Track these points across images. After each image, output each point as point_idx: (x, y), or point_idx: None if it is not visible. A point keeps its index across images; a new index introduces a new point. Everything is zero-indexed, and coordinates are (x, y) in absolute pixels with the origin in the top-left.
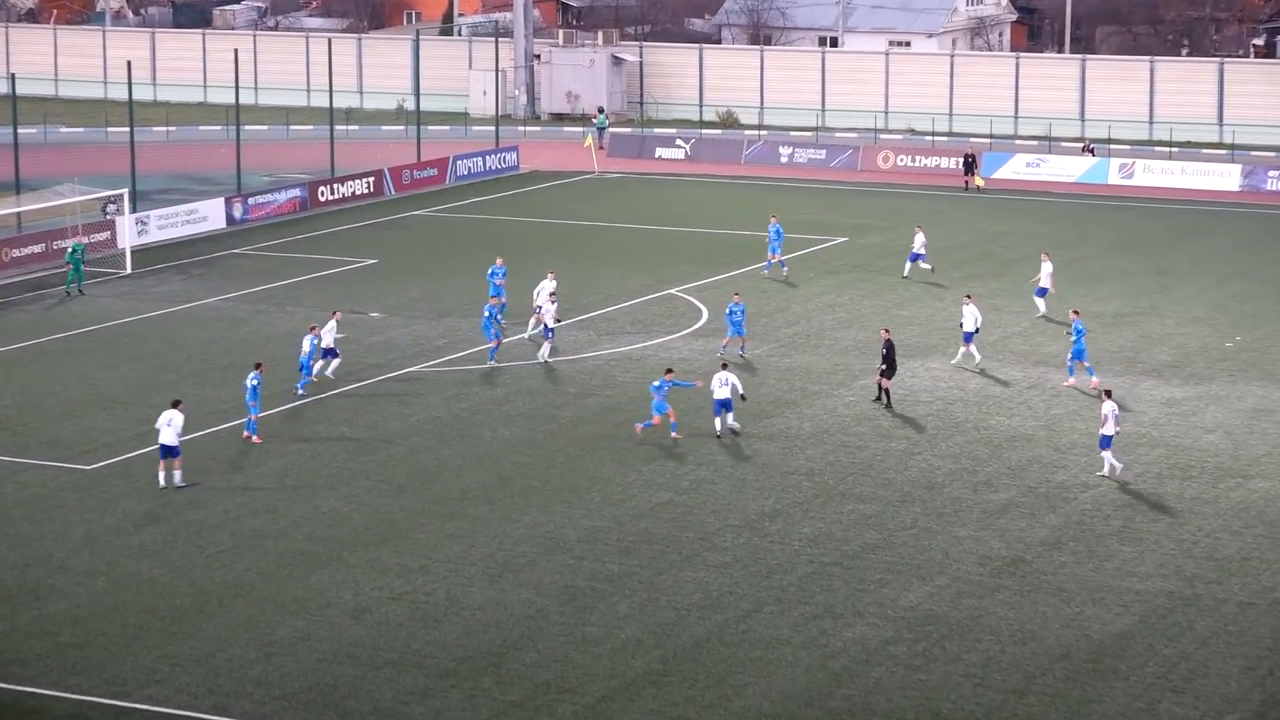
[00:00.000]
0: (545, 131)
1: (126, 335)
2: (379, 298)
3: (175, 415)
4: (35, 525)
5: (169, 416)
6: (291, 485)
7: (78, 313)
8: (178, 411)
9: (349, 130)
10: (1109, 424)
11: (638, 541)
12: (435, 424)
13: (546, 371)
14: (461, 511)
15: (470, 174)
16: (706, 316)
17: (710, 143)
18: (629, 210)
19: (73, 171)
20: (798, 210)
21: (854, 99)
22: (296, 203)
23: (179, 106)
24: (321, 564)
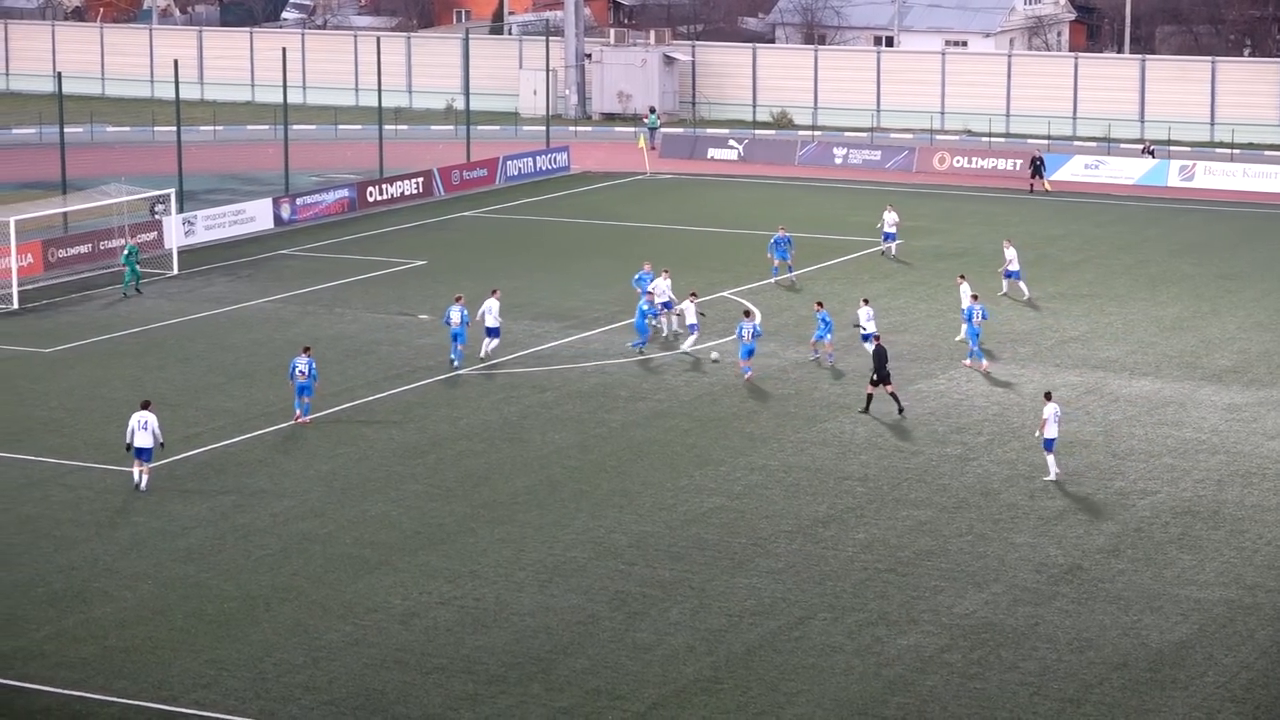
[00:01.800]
0: (596, 132)
1: (173, 336)
2: (428, 300)
3: (149, 416)
4: (82, 528)
5: (142, 418)
6: (339, 489)
7: (124, 314)
8: (149, 412)
9: (398, 130)
10: (1049, 426)
11: (689, 547)
12: (485, 427)
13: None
14: (511, 516)
15: (520, 175)
16: (759, 319)
17: (763, 143)
18: (681, 212)
19: (119, 171)
20: (852, 212)
21: (910, 99)
22: (345, 203)
23: (226, 106)
24: (370, 568)
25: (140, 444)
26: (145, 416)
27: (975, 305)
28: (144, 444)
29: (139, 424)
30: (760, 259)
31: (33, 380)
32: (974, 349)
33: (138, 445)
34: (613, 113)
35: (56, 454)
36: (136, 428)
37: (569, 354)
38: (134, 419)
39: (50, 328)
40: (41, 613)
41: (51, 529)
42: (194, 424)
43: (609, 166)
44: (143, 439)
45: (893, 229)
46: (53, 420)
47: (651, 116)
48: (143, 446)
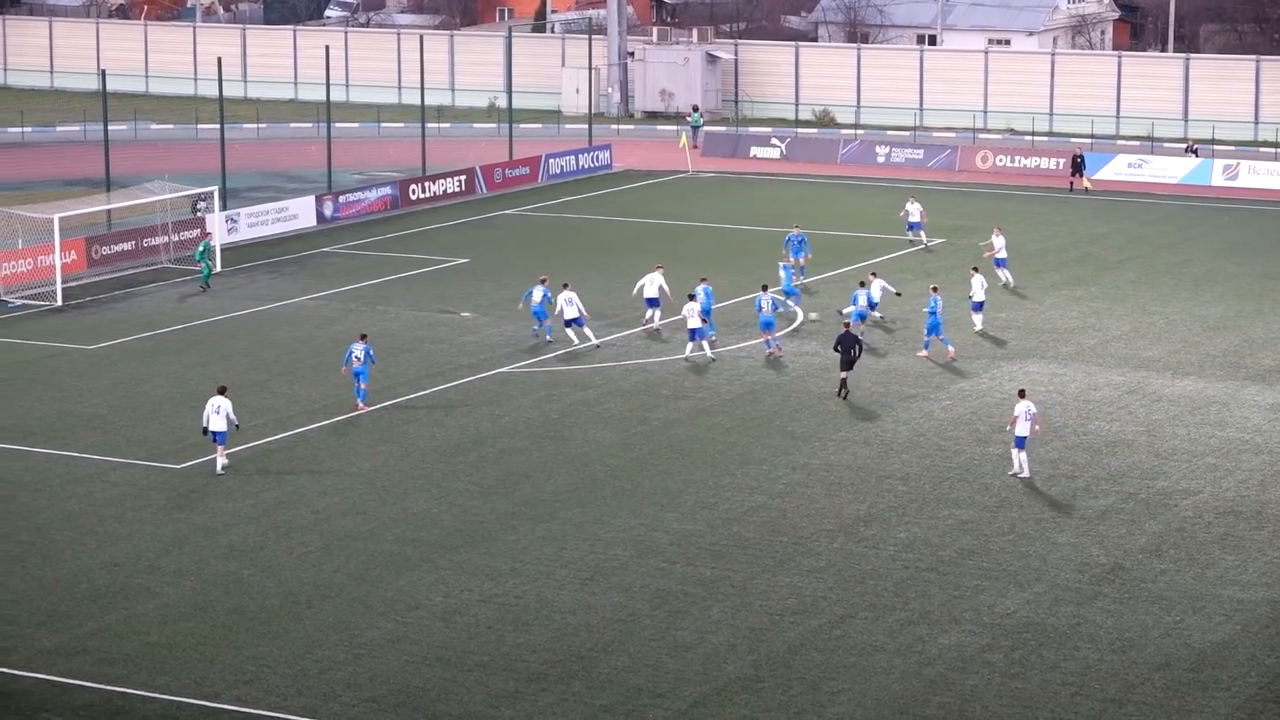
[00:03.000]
0: (639, 130)
1: (216, 333)
2: (470, 297)
3: (223, 401)
4: (124, 524)
5: (217, 403)
6: (381, 486)
7: (167, 311)
8: (224, 397)
9: (440, 128)
10: (1020, 423)
11: (730, 545)
12: (526, 425)
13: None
14: (552, 514)
15: (563, 173)
16: (802, 318)
17: (806, 142)
18: (723, 210)
19: (163, 169)
20: (894, 211)
21: (952, 98)
22: (387, 201)
23: (269, 103)
24: (411, 566)
25: (215, 428)
26: (220, 401)
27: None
28: (219, 428)
29: (214, 409)
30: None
31: (76, 377)
32: (929, 338)
33: (213, 429)
34: (655, 111)
35: (99, 450)
36: (211, 412)
37: (611, 352)
38: (209, 404)
39: (93, 325)
40: (84, 609)
41: (94, 525)
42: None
43: (651, 165)
44: (218, 423)
45: (918, 219)
46: (95, 417)
47: (694, 115)
48: (218, 430)
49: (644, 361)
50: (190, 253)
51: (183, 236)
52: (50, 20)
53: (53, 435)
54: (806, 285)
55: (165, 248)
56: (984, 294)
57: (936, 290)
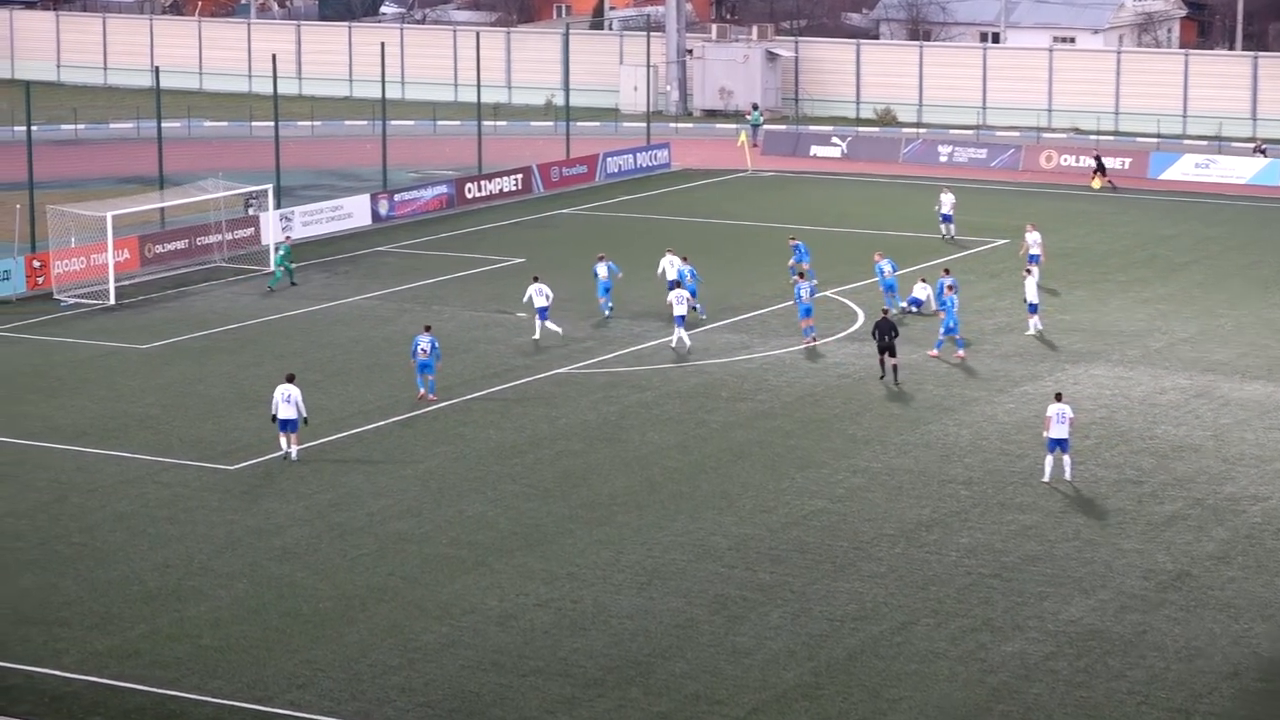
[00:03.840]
0: (697, 128)
1: (269, 333)
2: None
3: (293, 389)
4: (177, 526)
5: (286, 391)
6: (436, 488)
7: (220, 310)
8: (293, 385)
9: (497, 126)
10: (1055, 425)
11: (790, 550)
12: (583, 427)
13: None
14: (610, 517)
15: (620, 172)
16: (862, 319)
17: (867, 141)
18: (783, 210)
19: (216, 166)
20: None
21: (1016, 97)
22: (443, 200)
23: (324, 101)
24: (466, 569)
25: (284, 416)
26: (289, 389)
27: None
28: (288, 415)
29: (283, 397)
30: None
31: (128, 376)
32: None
33: (282, 417)
34: (714, 109)
35: (152, 451)
36: (281, 400)
37: (669, 353)
38: (278, 392)
39: (146, 324)
40: (136, 611)
41: (146, 526)
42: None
43: (710, 164)
44: (287, 411)
45: (950, 211)
46: (148, 417)
47: (754, 113)
48: (287, 418)
49: (703, 363)
50: (244, 251)
51: (236, 235)
52: (104, 17)
53: (105, 435)
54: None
55: (219, 246)
56: (1037, 296)
57: (954, 289)
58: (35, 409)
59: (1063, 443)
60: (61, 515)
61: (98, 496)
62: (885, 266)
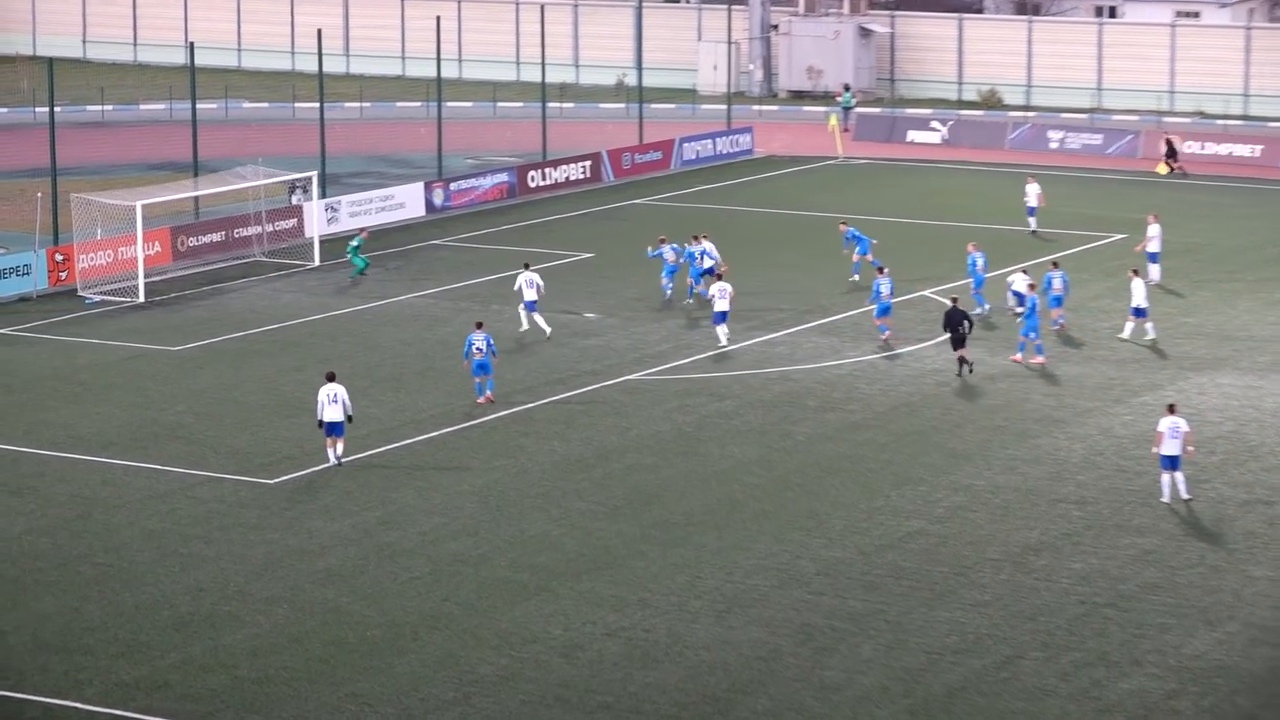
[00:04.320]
0: (783, 111)
1: (313, 335)
2: (594, 296)
3: (338, 389)
4: (211, 545)
5: (331, 391)
6: (495, 505)
7: (260, 309)
8: (338, 384)
9: (563, 108)
10: (1166, 441)
11: (884, 575)
12: (656, 439)
13: (781, 379)
14: (685, 538)
15: (698, 158)
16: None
17: (970, 125)
18: (876, 201)
19: (256, 152)
20: (1069, 203)
21: (1135, 77)
22: (503, 189)
23: (374, 80)
24: (528, 594)
25: (331, 418)
26: (335, 389)
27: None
28: (335, 418)
29: (329, 397)
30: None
31: (159, 381)
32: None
33: (329, 420)
34: (801, 90)
35: (184, 463)
36: (326, 401)
37: (751, 358)
38: (323, 392)
39: (179, 323)
40: (167, 638)
41: (178, 546)
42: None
43: (796, 150)
44: (333, 413)
45: (1036, 203)
46: (180, 426)
47: (845, 95)
48: (334, 421)
49: (787, 369)
50: (285, 244)
51: (277, 227)
52: None
53: (133, 445)
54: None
55: (258, 239)
56: (1145, 299)
57: (1034, 288)
58: (57, 416)
59: (1174, 460)
60: (85, 533)
61: (125, 513)
62: (979, 259)
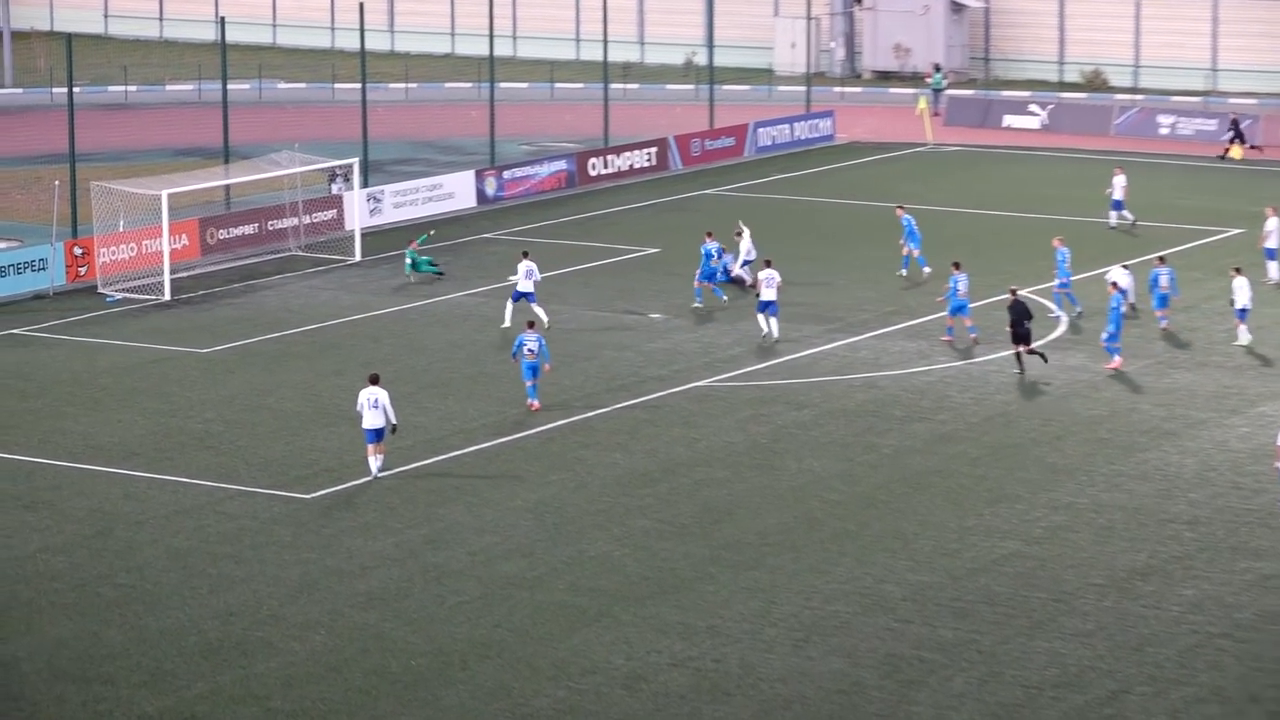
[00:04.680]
0: (867, 93)
1: (354, 336)
2: (661, 295)
3: (379, 393)
4: (242, 565)
5: (372, 395)
6: (552, 523)
7: (296, 308)
8: (379, 388)
9: (626, 90)
10: None
11: (976, 602)
12: (728, 451)
13: (865, 386)
14: (759, 560)
15: (774, 145)
16: (1065, 325)
17: (1072, 109)
18: (969, 191)
19: (292, 137)
20: (1181, 195)
21: (1255, 56)
22: (562, 177)
23: (421, 59)
24: (587, 620)
25: (371, 425)
26: (375, 393)
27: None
28: (376, 424)
29: (369, 401)
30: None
31: (186, 386)
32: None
33: (368, 426)
34: (888, 70)
35: (213, 476)
36: (366, 406)
37: (832, 363)
38: (363, 396)
39: (207, 323)
40: (194, 667)
41: (206, 566)
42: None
43: (882, 136)
44: (373, 419)
45: (1122, 195)
46: (209, 435)
47: (935, 76)
48: (374, 427)
49: (872, 375)
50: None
51: (315, 218)
52: None
53: (158, 456)
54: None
55: (294, 232)
56: (1249, 300)
57: (1117, 287)
58: (75, 424)
59: None
60: (105, 551)
61: (148, 529)
62: (1066, 255)
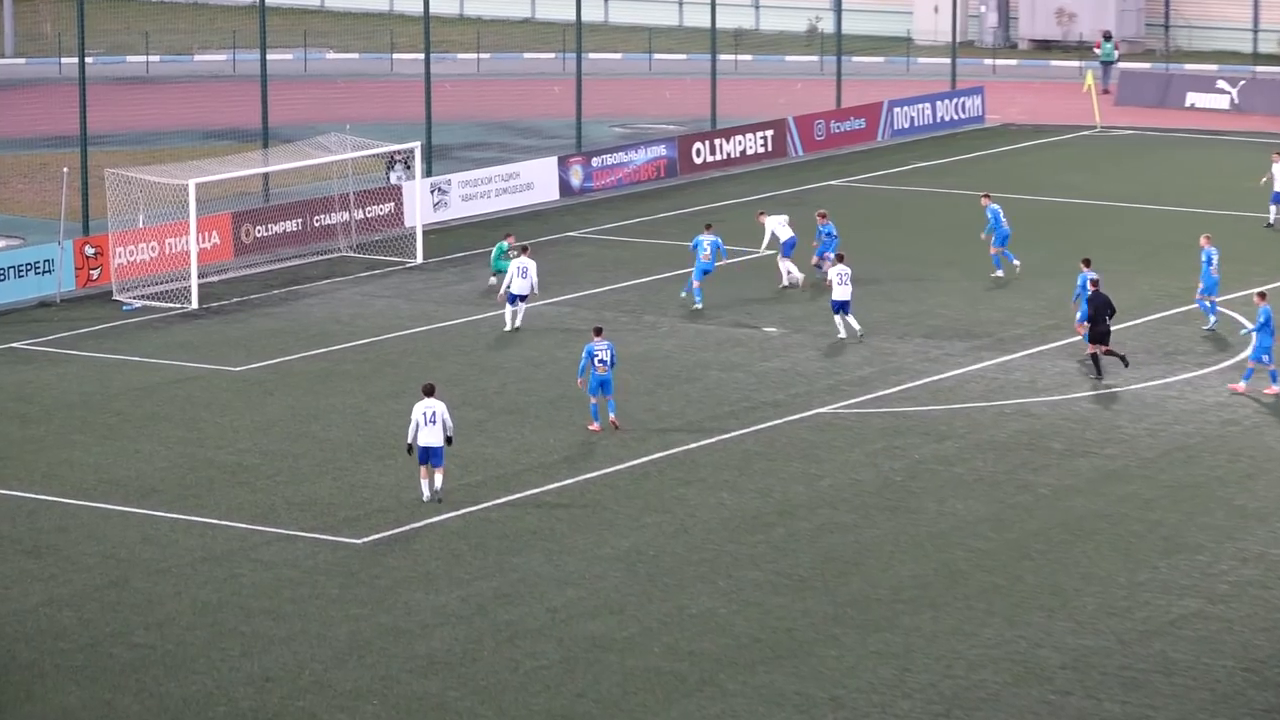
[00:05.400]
0: (1023, 67)
1: (413, 352)
2: (776, 306)
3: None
4: (282, 623)
5: (429, 409)
6: (645, 575)
7: (346, 319)
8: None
9: (737, 62)
10: None
11: (1149, 670)
12: (855, 490)
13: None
14: (892, 620)
15: (912, 127)
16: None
17: (1267, 85)
18: (1144, 182)
19: (343, 116)
20: None
21: None
22: (660, 165)
23: (495, 25)
24: (687, 690)
25: (428, 442)
26: (432, 406)
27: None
28: (433, 442)
29: (425, 416)
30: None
31: (216, 411)
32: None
33: (425, 444)
34: (1048, 40)
35: (248, 517)
36: (422, 421)
37: (979, 388)
38: (418, 410)
39: (241, 336)
40: None
41: (238, 623)
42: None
43: (1040, 117)
44: (431, 435)
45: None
46: (243, 468)
47: (1105, 46)
48: (432, 446)
49: (1026, 401)
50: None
51: (369, 213)
52: None
53: (183, 493)
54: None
55: (345, 229)
56: None
57: (1264, 297)
58: (86, 455)
59: None
60: (120, 604)
61: (171, 580)
62: (1214, 255)
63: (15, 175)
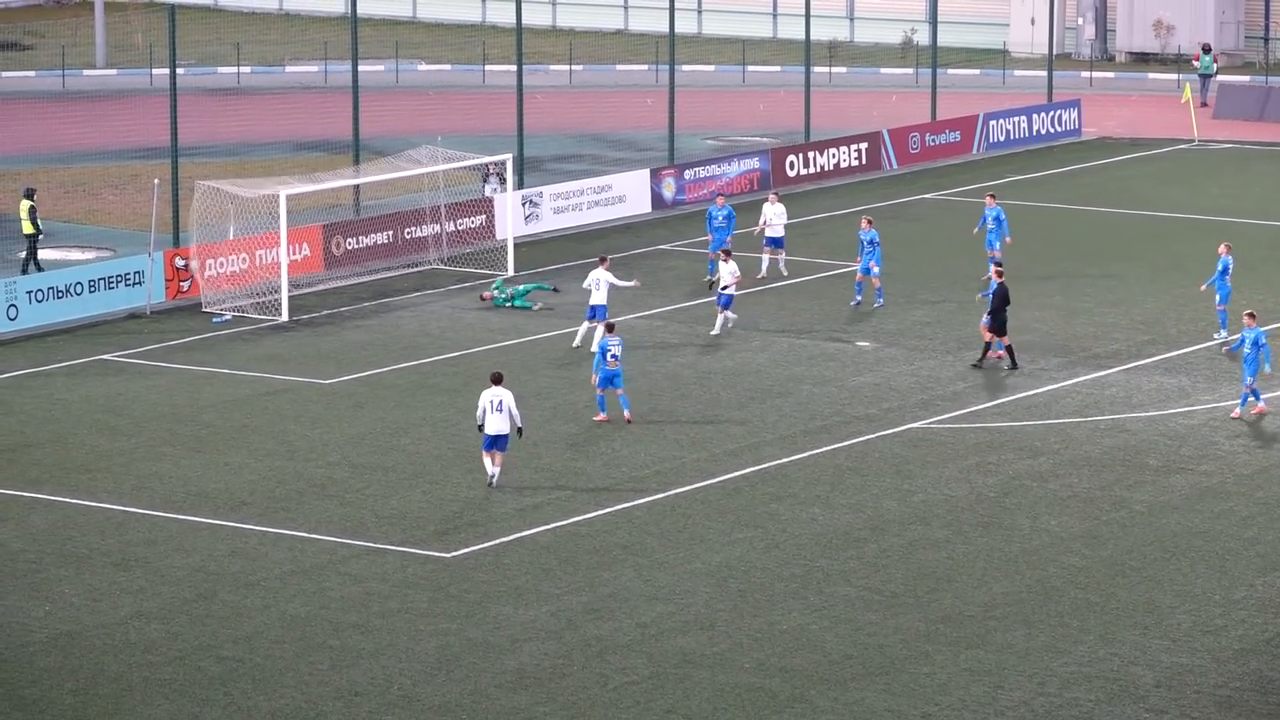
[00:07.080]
0: (1121, 79)
1: (505, 365)
2: (870, 319)
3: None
4: (369, 636)
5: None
6: (736, 590)
7: (436, 332)
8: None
9: (832, 74)
10: None
11: (1245, 689)
12: (948, 506)
13: (1113, 430)
14: (985, 637)
15: (1009, 140)
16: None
17: None
18: (1245, 197)
19: (434, 128)
20: None
21: None
22: (754, 178)
23: (588, 36)
24: (778, 706)
25: (495, 430)
26: (500, 394)
27: None
28: (499, 429)
29: (492, 404)
30: None
31: (307, 424)
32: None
33: (492, 431)
34: (1146, 52)
35: (337, 530)
36: (490, 409)
37: (1075, 402)
38: (485, 398)
39: (332, 349)
40: None
41: (327, 637)
42: (529, 491)
43: (1138, 130)
44: (498, 423)
45: None
46: (332, 481)
47: (1204, 58)
48: (499, 434)
49: (1123, 416)
50: (471, 248)
51: (460, 225)
52: None
53: (272, 505)
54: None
55: (436, 241)
56: None
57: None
58: (175, 468)
59: None
60: (208, 618)
61: (259, 593)
62: (1230, 264)
63: (105, 186)
